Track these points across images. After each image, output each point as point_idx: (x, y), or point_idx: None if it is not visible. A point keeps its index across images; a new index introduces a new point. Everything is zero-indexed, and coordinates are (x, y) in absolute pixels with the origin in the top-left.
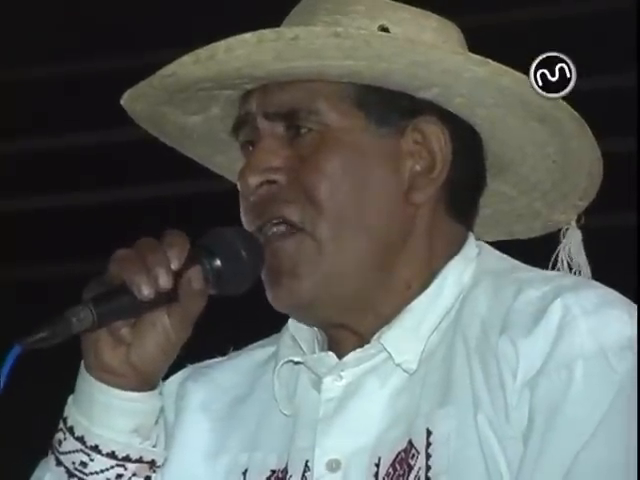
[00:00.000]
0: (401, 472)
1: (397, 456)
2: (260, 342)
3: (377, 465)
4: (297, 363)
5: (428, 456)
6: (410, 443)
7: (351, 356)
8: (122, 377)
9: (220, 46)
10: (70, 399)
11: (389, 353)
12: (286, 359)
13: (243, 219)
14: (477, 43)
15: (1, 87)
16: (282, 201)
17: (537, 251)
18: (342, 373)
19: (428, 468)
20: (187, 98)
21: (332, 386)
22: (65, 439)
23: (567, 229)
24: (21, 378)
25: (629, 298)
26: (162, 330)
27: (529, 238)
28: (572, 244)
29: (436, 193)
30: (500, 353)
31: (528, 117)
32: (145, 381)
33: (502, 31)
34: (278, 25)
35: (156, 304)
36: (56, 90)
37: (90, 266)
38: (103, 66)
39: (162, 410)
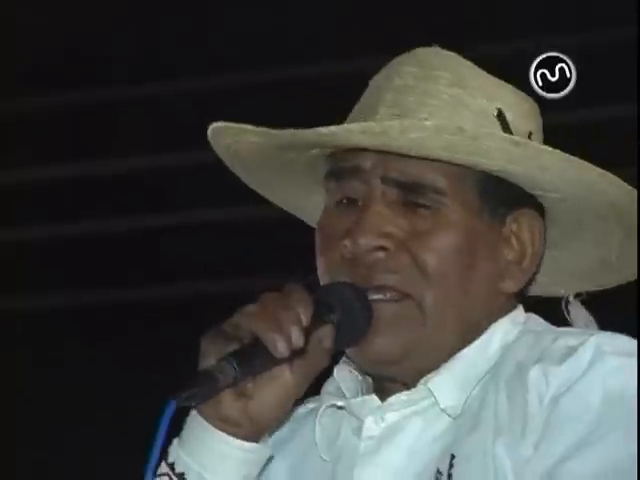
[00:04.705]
0: None
1: None
2: (304, 400)
3: None
4: (340, 408)
5: (450, 476)
6: (438, 471)
7: (395, 399)
8: (238, 427)
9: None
10: (175, 442)
11: (435, 398)
12: (329, 403)
13: (332, 268)
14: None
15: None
16: (388, 270)
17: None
18: (385, 415)
19: None
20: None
21: (374, 426)
22: None
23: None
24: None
25: None
26: (282, 384)
27: None
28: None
29: None
30: (530, 381)
31: (611, 217)
32: (259, 432)
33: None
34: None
35: (285, 360)
36: (75, 119)
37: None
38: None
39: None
